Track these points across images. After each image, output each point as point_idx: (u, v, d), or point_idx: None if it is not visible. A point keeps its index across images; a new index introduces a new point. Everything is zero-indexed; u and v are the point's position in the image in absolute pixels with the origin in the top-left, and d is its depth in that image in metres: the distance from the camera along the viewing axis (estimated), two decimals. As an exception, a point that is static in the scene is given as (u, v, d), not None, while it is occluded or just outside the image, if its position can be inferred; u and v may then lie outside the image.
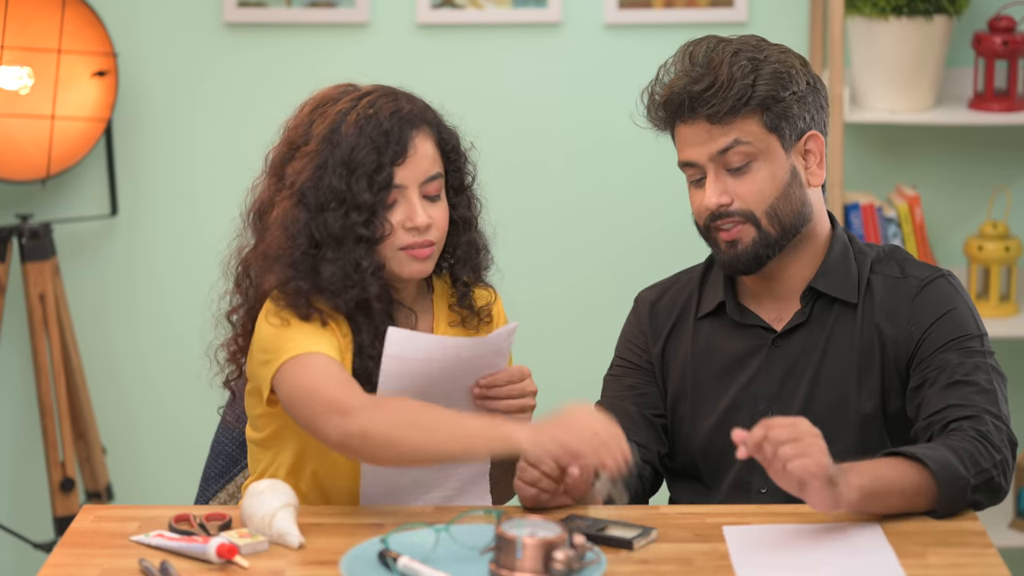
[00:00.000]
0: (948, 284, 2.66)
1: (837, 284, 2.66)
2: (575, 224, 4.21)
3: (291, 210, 2.59)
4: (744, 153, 2.59)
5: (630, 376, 2.77)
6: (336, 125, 2.59)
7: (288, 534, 2.37)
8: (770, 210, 2.61)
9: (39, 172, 3.96)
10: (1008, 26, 3.96)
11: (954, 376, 2.56)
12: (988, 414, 2.51)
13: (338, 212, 2.57)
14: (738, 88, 2.57)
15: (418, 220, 2.59)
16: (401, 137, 2.59)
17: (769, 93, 2.58)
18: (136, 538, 2.40)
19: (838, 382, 2.64)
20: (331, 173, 2.57)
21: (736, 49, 2.60)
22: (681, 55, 2.65)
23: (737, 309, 2.71)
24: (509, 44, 4.13)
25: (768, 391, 2.66)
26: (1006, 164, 4.17)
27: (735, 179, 2.61)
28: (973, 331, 2.62)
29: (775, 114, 2.59)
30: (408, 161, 2.59)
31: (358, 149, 2.57)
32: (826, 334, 2.66)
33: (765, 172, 2.61)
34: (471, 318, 2.74)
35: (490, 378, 2.57)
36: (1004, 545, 3.94)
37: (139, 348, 4.24)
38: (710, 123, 2.59)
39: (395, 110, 2.60)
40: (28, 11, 3.91)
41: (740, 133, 2.59)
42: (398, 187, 2.59)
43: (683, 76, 2.61)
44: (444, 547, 2.32)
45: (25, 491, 4.29)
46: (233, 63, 4.13)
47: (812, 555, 2.33)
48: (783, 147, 2.61)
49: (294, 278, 2.57)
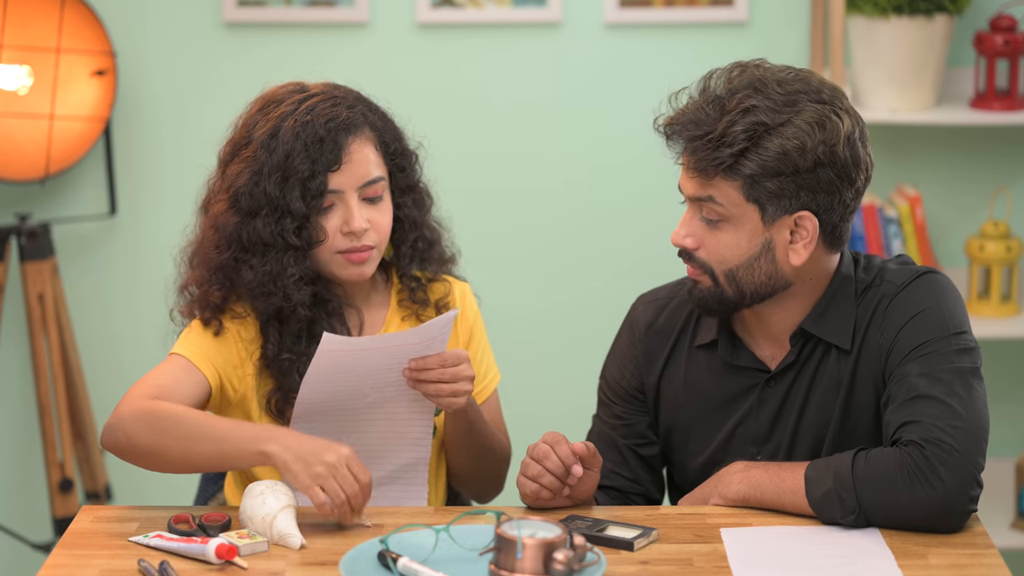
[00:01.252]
0: (924, 284, 2.53)
1: (829, 327, 2.54)
2: (574, 224, 4.20)
3: (224, 213, 2.64)
4: (715, 211, 2.47)
5: (619, 404, 2.71)
6: (275, 130, 2.63)
7: (290, 535, 2.37)
8: (729, 273, 2.50)
9: (38, 172, 3.95)
10: (1009, 25, 3.96)
11: (911, 393, 2.43)
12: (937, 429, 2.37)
13: (270, 219, 2.61)
14: (724, 154, 2.43)
15: (354, 225, 2.61)
16: (336, 144, 2.61)
17: (757, 171, 2.43)
18: (135, 539, 2.40)
19: (820, 424, 2.56)
20: (266, 179, 2.61)
21: (753, 105, 2.43)
22: (707, 78, 2.52)
23: (730, 348, 2.61)
24: (509, 44, 4.12)
25: (758, 434, 2.60)
26: (1007, 164, 4.16)
27: (707, 228, 2.50)
28: (939, 333, 2.48)
29: (758, 190, 2.44)
30: (344, 167, 2.62)
31: (293, 156, 2.60)
32: (811, 375, 2.56)
33: (731, 237, 2.48)
34: (424, 311, 2.74)
35: (421, 361, 2.54)
36: (1005, 546, 3.94)
37: (138, 348, 4.23)
38: (694, 168, 2.48)
39: (332, 117, 2.62)
40: (27, 10, 3.90)
41: (716, 192, 2.46)
42: (334, 192, 2.62)
43: (691, 106, 2.48)
44: (444, 548, 2.31)
45: (24, 492, 4.28)
46: (232, 63, 4.13)
47: (810, 557, 2.33)
48: (762, 220, 2.47)
49: (210, 283, 2.64)
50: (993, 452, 3.52)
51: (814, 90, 2.47)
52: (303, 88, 2.70)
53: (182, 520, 2.44)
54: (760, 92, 2.45)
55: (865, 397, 2.54)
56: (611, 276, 4.20)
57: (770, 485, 2.46)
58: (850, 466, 2.39)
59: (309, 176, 2.60)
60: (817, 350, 2.57)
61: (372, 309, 2.74)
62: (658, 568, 2.30)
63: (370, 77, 3.24)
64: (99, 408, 4.20)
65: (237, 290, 2.65)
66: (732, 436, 2.61)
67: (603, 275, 4.21)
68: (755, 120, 2.43)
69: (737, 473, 2.51)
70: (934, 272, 2.57)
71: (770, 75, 2.47)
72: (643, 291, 2.80)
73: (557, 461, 2.48)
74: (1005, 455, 4.21)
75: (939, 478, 2.35)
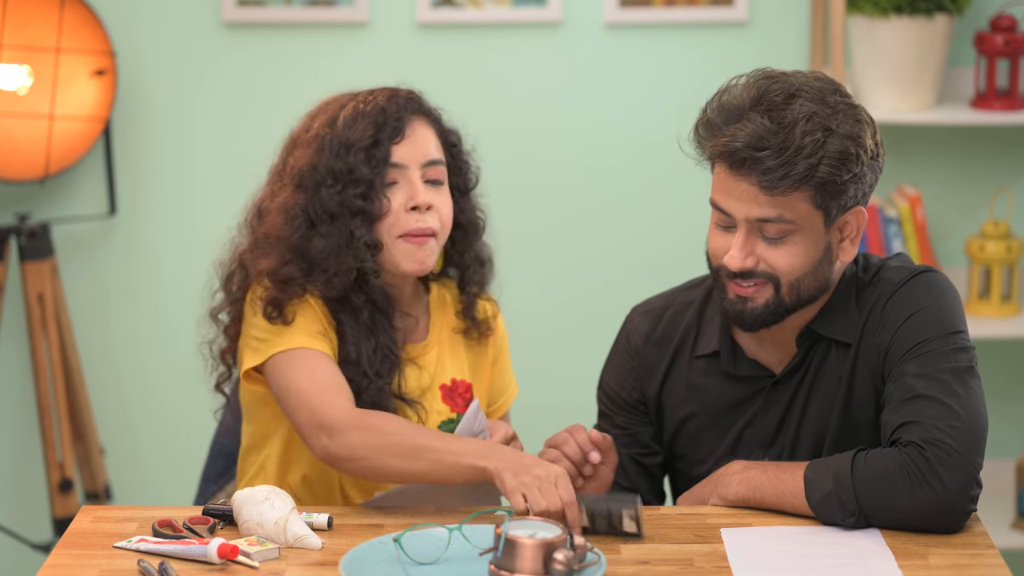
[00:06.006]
0: (922, 282, 2.53)
1: (836, 326, 2.55)
2: (575, 223, 4.20)
3: (290, 195, 2.63)
4: (784, 229, 2.44)
5: (620, 414, 2.70)
6: (335, 115, 2.63)
7: (307, 536, 2.36)
8: (795, 282, 2.48)
9: (37, 172, 3.95)
10: (1009, 25, 3.96)
11: (909, 392, 2.42)
12: (937, 430, 2.36)
13: (335, 188, 2.60)
14: (803, 166, 2.39)
15: (419, 198, 2.60)
16: (400, 117, 2.62)
17: (830, 176, 2.41)
18: (120, 544, 2.38)
19: (821, 423, 2.56)
20: (328, 153, 2.61)
21: (811, 112, 2.41)
22: (752, 88, 2.45)
23: (732, 359, 2.60)
24: (509, 43, 4.12)
25: (764, 437, 2.60)
26: (1008, 163, 4.16)
27: (767, 245, 2.46)
28: (936, 332, 2.47)
29: (828, 194, 2.43)
30: (406, 140, 2.62)
31: (355, 127, 2.61)
32: (814, 375, 2.57)
33: (800, 248, 2.46)
34: (473, 329, 2.74)
35: None
36: (1005, 546, 3.94)
37: (138, 348, 4.23)
38: (760, 188, 2.42)
39: (393, 95, 2.64)
40: (27, 10, 3.90)
41: (786, 210, 2.43)
42: (397, 166, 2.61)
43: (750, 126, 2.41)
44: (455, 547, 2.31)
45: (24, 492, 4.28)
46: (232, 62, 4.13)
47: (810, 557, 2.32)
48: (825, 224, 2.46)
49: (289, 261, 2.60)
50: (993, 452, 3.52)
51: (834, 88, 2.47)
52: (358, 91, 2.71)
53: (166, 524, 2.43)
54: (807, 97, 2.43)
55: (864, 395, 2.54)
56: (610, 275, 4.19)
57: (769, 487, 2.46)
58: (849, 467, 2.39)
59: (372, 144, 2.60)
60: (819, 349, 2.57)
61: (412, 319, 2.73)
62: (658, 568, 2.30)
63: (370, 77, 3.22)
64: (99, 408, 4.20)
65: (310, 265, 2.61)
66: (739, 440, 2.61)
67: (603, 274, 4.20)
68: (819, 125, 2.41)
69: (736, 474, 2.50)
70: (932, 271, 2.56)
71: (796, 80, 2.46)
72: (640, 289, 2.80)
73: (575, 447, 2.50)
74: (1005, 455, 4.21)
75: (939, 479, 2.34)
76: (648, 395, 2.67)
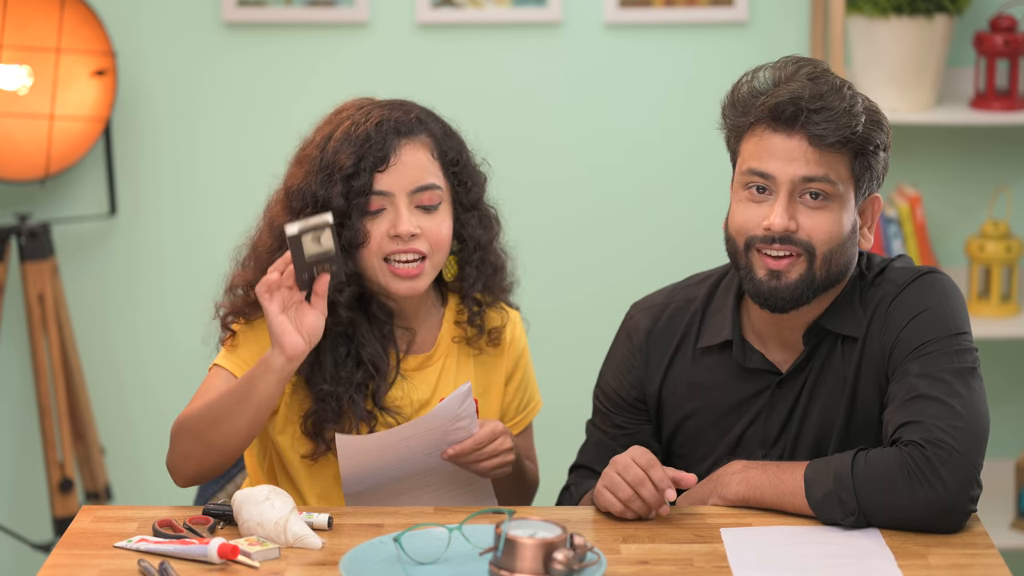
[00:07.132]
0: (926, 283, 2.54)
1: (842, 320, 2.55)
2: (575, 223, 4.20)
3: (279, 212, 2.64)
4: (826, 192, 2.46)
5: (619, 413, 2.69)
6: (332, 133, 2.62)
7: (308, 536, 2.36)
8: (828, 254, 2.48)
9: (38, 172, 3.95)
10: (1009, 25, 3.96)
11: (911, 392, 2.43)
12: (938, 429, 2.37)
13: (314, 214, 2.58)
14: (853, 121, 2.44)
15: (400, 228, 2.58)
16: (385, 144, 2.59)
17: (868, 135, 2.46)
18: (120, 544, 2.38)
19: (825, 422, 2.56)
20: (313, 177, 2.60)
21: (846, 82, 2.48)
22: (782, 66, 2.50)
23: (742, 351, 2.60)
24: (509, 43, 4.12)
25: (767, 436, 2.60)
26: (1007, 163, 4.16)
27: (806, 211, 2.47)
28: (940, 333, 2.48)
29: (863, 161, 2.47)
30: (392, 168, 2.59)
31: (339, 154, 2.59)
32: (818, 374, 2.56)
33: (837, 216, 2.48)
34: (477, 339, 2.72)
35: (457, 447, 2.56)
36: (1005, 546, 3.94)
37: (138, 348, 4.24)
38: (810, 144, 2.45)
39: (384, 119, 2.61)
40: (27, 10, 3.90)
41: (831, 170, 2.46)
42: (383, 194, 2.59)
43: (805, 81, 2.46)
44: (455, 547, 2.31)
45: (24, 492, 4.28)
46: (232, 62, 4.13)
47: (810, 557, 2.32)
48: (855, 199, 2.49)
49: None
50: (993, 452, 3.52)
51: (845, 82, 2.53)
52: (371, 100, 2.68)
53: (166, 524, 2.43)
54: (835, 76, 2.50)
55: (869, 395, 2.54)
56: (610, 274, 4.19)
57: (769, 487, 2.45)
58: (850, 467, 2.39)
59: (352, 174, 2.58)
60: (825, 348, 2.56)
61: (423, 328, 2.71)
62: (658, 568, 2.30)
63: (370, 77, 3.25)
64: (99, 408, 4.20)
65: None
66: (741, 439, 2.61)
67: (603, 273, 4.20)
68: (851, 90, 2.49)
69: (736, 474, 2.50)
70: (936, 272, 2.57)
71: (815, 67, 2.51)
72: (641, 289, 2.80)
73: (652, 490, 2.44)
74: (1005, 455, 4.21)
75: (939, 478, 2.35)
76: (648, 393, 2.67)
